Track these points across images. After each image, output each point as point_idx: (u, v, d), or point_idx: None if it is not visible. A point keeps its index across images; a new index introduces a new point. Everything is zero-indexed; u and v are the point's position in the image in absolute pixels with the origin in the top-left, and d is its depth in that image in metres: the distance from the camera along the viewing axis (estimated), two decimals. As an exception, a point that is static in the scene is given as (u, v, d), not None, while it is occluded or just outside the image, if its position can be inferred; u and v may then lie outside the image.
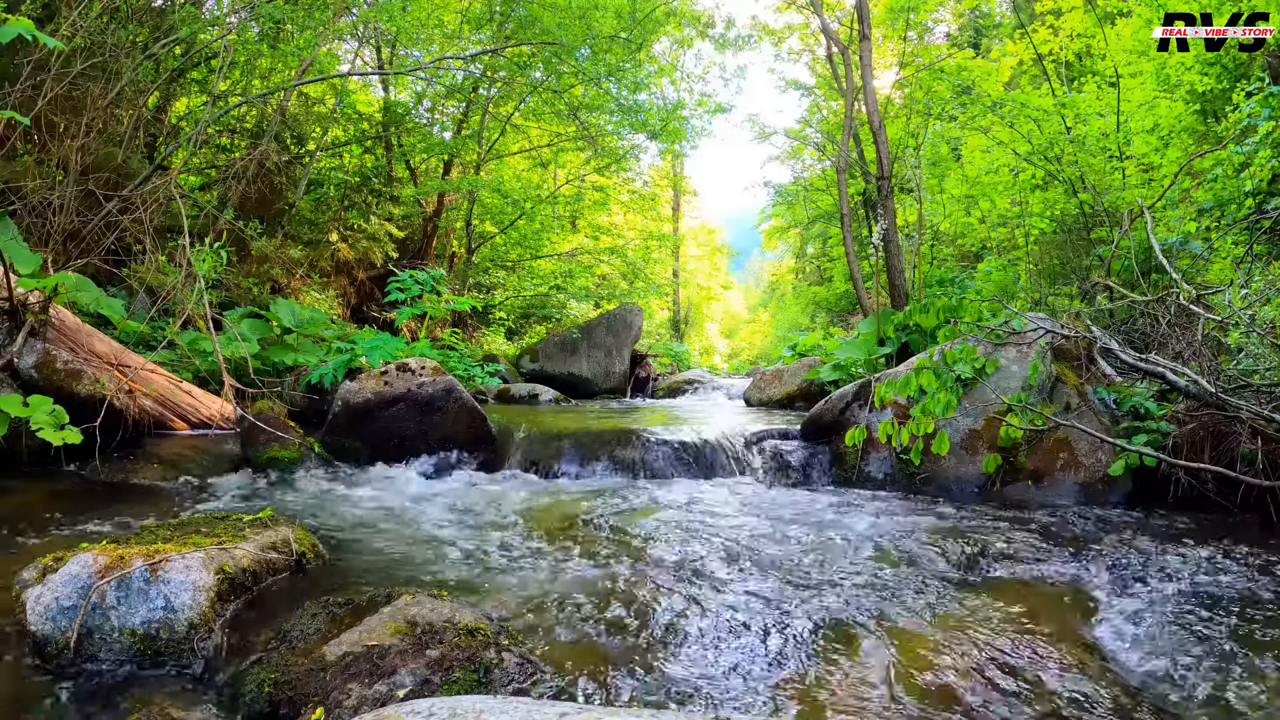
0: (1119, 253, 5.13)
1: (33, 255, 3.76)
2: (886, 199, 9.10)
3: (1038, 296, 6.42)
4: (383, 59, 10.25)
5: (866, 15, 9.77)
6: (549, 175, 14.38)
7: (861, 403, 3.96)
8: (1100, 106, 6.77)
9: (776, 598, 2.03)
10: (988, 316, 5.02)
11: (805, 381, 7.01)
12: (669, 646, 1.73)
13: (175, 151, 6.37)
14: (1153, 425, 3.32)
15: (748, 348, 32.92)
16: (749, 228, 27.15)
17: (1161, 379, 3.28)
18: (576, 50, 8.64)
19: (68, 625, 1.60)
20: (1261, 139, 4.57)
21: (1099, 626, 1.86)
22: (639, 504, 3.25)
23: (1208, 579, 2.16)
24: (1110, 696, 1.51)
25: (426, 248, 10.87)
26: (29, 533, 2.45)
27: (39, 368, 3.47)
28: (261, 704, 1.44)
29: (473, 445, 4.24)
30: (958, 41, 18.81)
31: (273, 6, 6.01)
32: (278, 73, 8.02)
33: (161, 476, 3.44)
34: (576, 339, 10.10)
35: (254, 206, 7.31)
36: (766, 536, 2.68)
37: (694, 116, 12.04)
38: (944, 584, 2.17)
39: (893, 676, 1.58)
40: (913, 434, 3.53)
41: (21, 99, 4.70)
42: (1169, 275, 4.05)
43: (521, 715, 1.02)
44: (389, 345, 5.28)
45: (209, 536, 2.02)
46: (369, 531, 2.70)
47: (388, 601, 1.72)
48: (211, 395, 4.39)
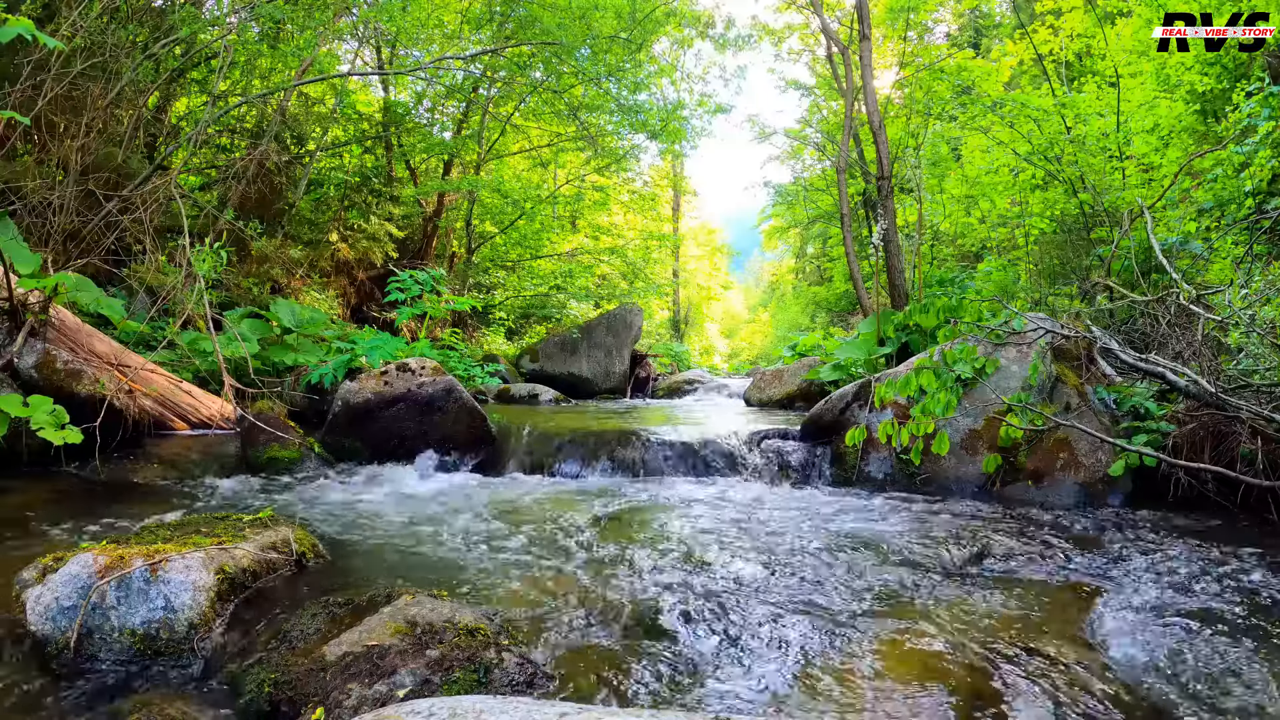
0: (1119, 253, 5.13)
1: (33, 255, 3.76)
2: (886, 199, 9.10)
3: (1038, 296, 6.42)
4: (383, 59, 10.25)
5: (866, 15, 9.77)
6: (549, 175, 14.38)
7: (861, 403, 3.96)
8: (1100, 106, 6.77)
9: (776, 598, 2.03)
10: (988, 316, 5.02)
11: (805, 381, 7.01)
12: (668, 646, 1.73)
13: (175, 151, 6.37)
14: (1153, 425, 3.32)
15: (748, 348, 32.93)
16: (749, 228, 27.18)
17: (1161, 379, 3.28)
18: (576, 50, 8.64)
19: (68, 625, 1.60)
20: (1261, 139, 4.57)
21: (1099, 626, 1.86)
22: (639, 504, 3.25)
23: (1208, 579, 2.16)
24: (1110, 696, 1.51)
25: (426, 248, 10.87)
26: (29, 533, 2.45)
27: (39, 368, 3.48)
28: (261, 704, 1.43)
29: (473, 445, 4.24)
30: (958, 41, 18.81)
31: (273, 6, 6.01)
32: (278, 73, 8.02)
33: (161, 476, 3.45)
34: (576, 339, 10.10)
35: (254, 206, 7.32)
36: (767, 537, 2.68)
37: (694, 116, 12.06)
38: (944, 584, 2.17)
39: (892, 676, 1.57)
40: (913, 434, 3.53)
41: (21, 99, 4.70)
42: (1169, 275, 4.05)
43: (521, 715, 1.02)
44: (389, 345, 5.29)
45: (209, 536, 2.02)
46: (369, 531, 2.70)
47: (388, 601, 1.72)
48: (211, 395, 4.39)
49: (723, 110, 12.52)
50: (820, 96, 17.43)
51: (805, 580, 2.19)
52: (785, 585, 2.14)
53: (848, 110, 11.81)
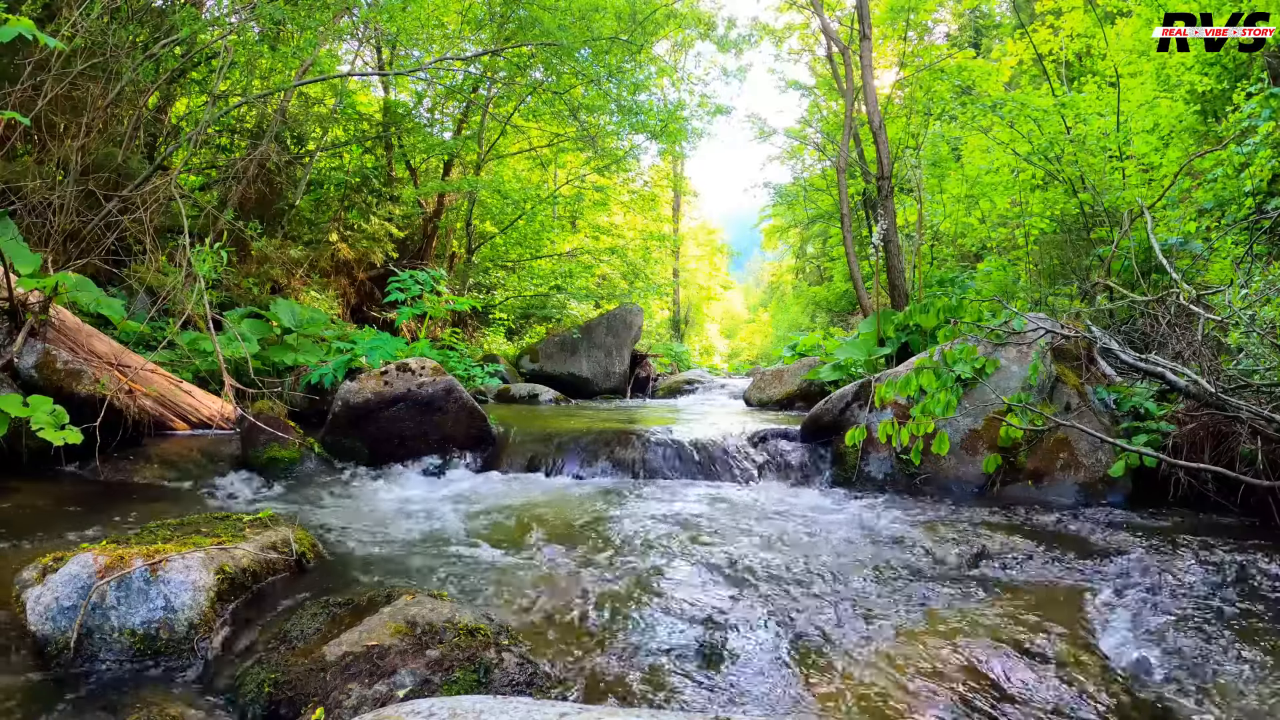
0: (1119, 253, 5.13)
1: (33, 255, 3.76)
2: (886, 199, 9.10)
3: (1038, 296, 6.42)
4: (383, 59, 10.25)
5: (867, 15, 9.77)
6: (549, 175, 14.38)
7: (861, 403, 3.96)
8: (1100, 106, 6.77)
9: (776, 598, 2.03)
10: (988, 316, 5.02)
11: (805, 381, 7.01)
12: (668, 646, 1.73)
13: (175, 151, 6.37)
14: (1153, 425, 3.32)
15: (748, 348, 32.96)
16: (749, 228, 27.17)
17: (1161, 379, 3.28)
18: (577, 51, 8.64)
19: (68, 625, 1.60)
20: (1261, 139, 4.57)
21: (1099, 626, 1.86)
22: (639, 504, 3.25)
23: (1208, 579, 2.16)
24: (1111, 696, 1.51)
25: (426, 248, 10.87)
26: (29, 533, 2.45)
27: (39, 368, 3.47)
28: (261, 704, 1.43)
29: (473, 445, 4.24)
30: (958, 41, 18.80)
31: (273, 7, 6.01)
32: (278, 73, 8.02)
33: (161, 476, 3.44)
34: (576, 339, 10.09)
35: (254, 206, 7.32)
36: (766, 537, 2.68)
37: (694, 117, 12.05)
38: (944, 584, 2.17)
39: (892, 676, 1.57)
40: (913, 434, 3.53)
41: (22, 99, 4.69)
42: (1169, 275, 4.05)
43: (521, 715, 1.02)
44: (389, 345, 5.29)
45: (209, 536, 2.02)
46: (369, 531, 2.70)
47: (388, 601, 1.72)
48: (211, 395, 4.39)
49: (723, 111, 12.51)
50: (820, 96, 17.44)
51: (805, 580, 2.19)
52: (785, 585, 2.14)
53: (848, 110, 11.82)
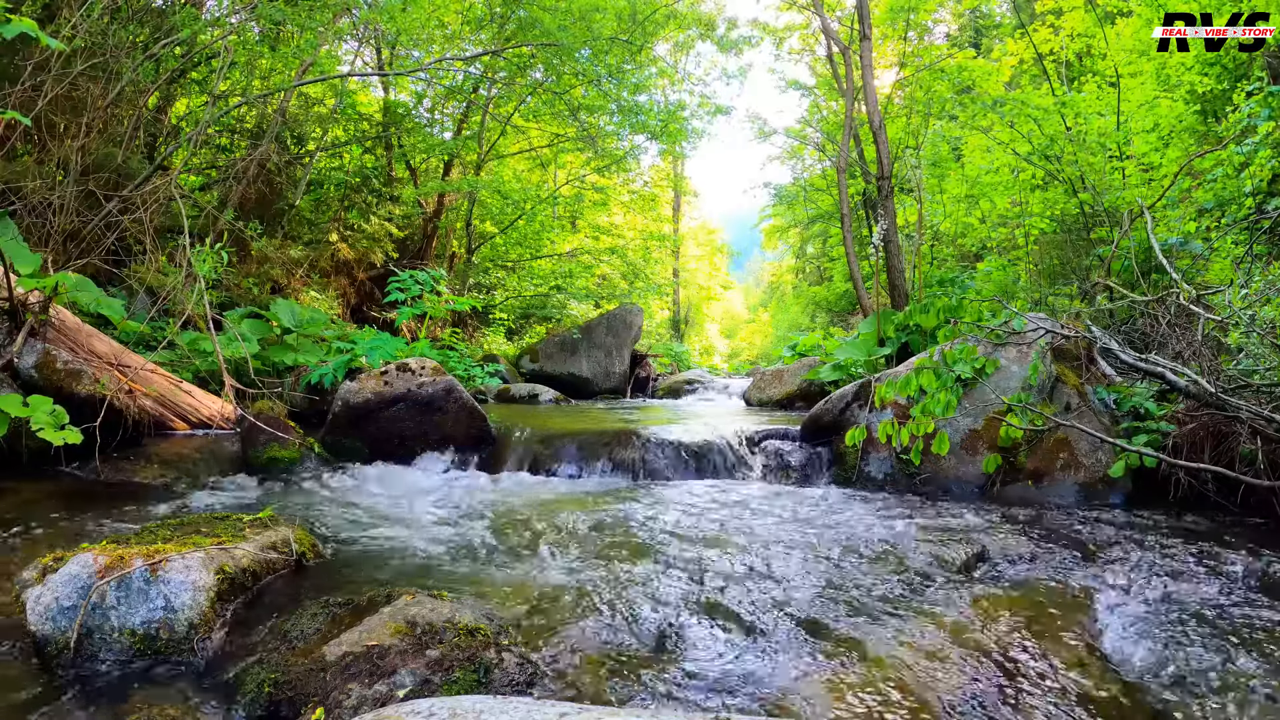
0: (1119, 253, 5.13)
1: (33, 255, 3.76)
2: (886, 199, 9.10)
3: (1038, 296, 6.42)
4: (383, 59, 10.25)
5: (867, 15, 9.77)
6: (549, 175, 14.38)
7: (861, 403, 3.96)
8: (1100, 106, 6.77)
9: (776, 598, 2.03)
10: (988, 316, 5.02)
11: (805, 381, 7.01)
12: (668, 647, 1.73)
13: (175, 151, 6.37)
14: (1153, 425, 3.32)
15: (748, 348, 32.96)
16: (749, 228, 27.16)
17: (1161, 379, 3.28)
18: (577, 52, 8.64)
19: (68, 625, 1.60)
20: (1261, 139, 4.57)
21: (1099, 626, 1.86)
22: (639, 504, 3.25)
23: (1208, 579, 2.16)
24: (1111, 696, 1.51)
25: (426, 248, 10.87)
26: (29, 533, 2.45)
27: (39, 368, 3.48)
28: (261, 704, 1.43)
29: (473, 445, 4.24)
30: (958, 41, 18.81)
31: (273, 7, 6.01)
32: (278, 73, 8.03)
33: (162, 476, 3.44)
34: (576, 339, 10.10)
35: (254, 206, 7.32)
36: (766, 537, 2.68)
37: (695, 118, 12.04)
38: (944, 584, 2.17)
39: (892, 676, 1.57)
40: (913, 434, 3.53)
41: (22, 99, 4.69)
42: (1169, 275, 4.05)
43: (521, 715, 1.02)
44: (389, 345, 5.29)
45: (209, 536, 2.02)
46: (369, 531, 2.70)
47: (388, 601, 1.72)
48: (211, 395, 4.39)
49: (723, 111, 12.51)
50: (820, 96, 17.43)
51: (805, 581, 2.19)
52: (785, 586, 2.14)
53: (848, 110, 11.81)
